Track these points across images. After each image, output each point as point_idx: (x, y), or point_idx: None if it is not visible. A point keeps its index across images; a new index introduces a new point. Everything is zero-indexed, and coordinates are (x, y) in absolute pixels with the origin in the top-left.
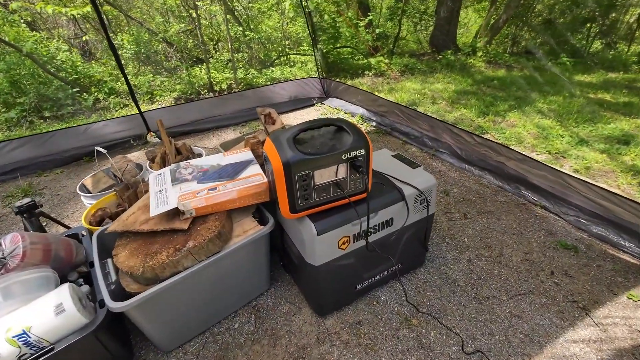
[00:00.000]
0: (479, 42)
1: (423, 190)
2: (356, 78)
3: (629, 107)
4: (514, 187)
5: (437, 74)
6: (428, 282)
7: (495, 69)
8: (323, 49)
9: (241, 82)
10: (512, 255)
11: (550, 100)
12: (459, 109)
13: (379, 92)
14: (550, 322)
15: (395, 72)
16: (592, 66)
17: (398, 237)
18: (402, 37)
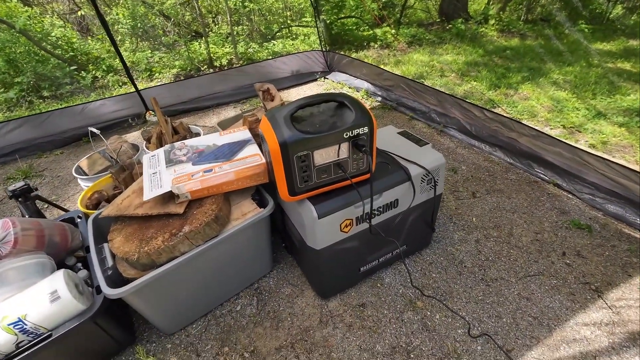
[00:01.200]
0: (491, 9)
1: (431, 169)
2: (361, 50)
3: None
4: (526, 164)
5: (447, 45)
6: (434, 263)
7: (509, 38)
8: (326, 19)
9: (242, 56)
10: (522, 236)
11: (567, 71)
12: (469, 81)
13: (385, 65)
14: (561, 305)
15: (402, 44)
16: (612, 33)
17: (403, 219)
18: (410, 6)
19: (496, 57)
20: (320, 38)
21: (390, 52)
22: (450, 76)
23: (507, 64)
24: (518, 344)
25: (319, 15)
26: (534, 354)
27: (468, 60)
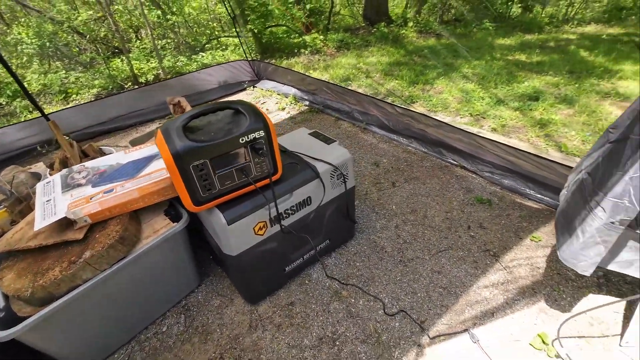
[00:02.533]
0: (409, 12)
1: (337, 165)
2: (292, 57)
3: (540, 65)
4: (437, 151)
5: (372, 48)
6: (358, 253)
7: (426, 38)
8: (254, 29)
9: (170, 70)
10: (434, 216)
11: (474, 65)
12: (392, 80)
13: (315, 70)
14: (466, 273)
15: (331, 49)
16: (511, 29)
17: (320, 214)
18: (337, 12)
19: (416, 56)
20: (243, 48)
21: (320, 57)
22: (375, 76)
23: (425, 62)
24: (430, 314)
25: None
26: (444, 321)
27: (391, 60)
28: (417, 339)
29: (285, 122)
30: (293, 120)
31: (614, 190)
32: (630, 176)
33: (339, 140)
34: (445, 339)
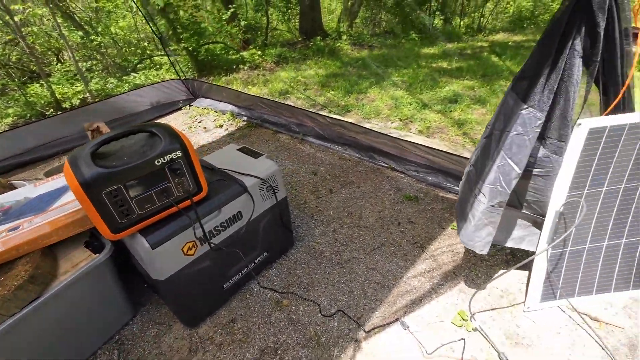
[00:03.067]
0: (342, 26)
1: (265, 178)
2: (231, 73)
3: (459, 71)
4: (369, 156)
5: (309, 61)
6: (298, 261)
7: (360, 50)
8: (188, 47)
9: (99, 93)
10: (369, 217)
11: (403, 73)
12: (328, 91)
13: (254, 85)
14: (397, 266)
15: (270, 63)
16: (434, 39)
17: (253, 228)
18: (274, 28)
19: (351, 68)
20: (176, 68)
21: (260, 72)
22: (313, 88)
23: (359, 73)
24: (366, 310)
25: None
26: (378, 314)
27: (327, 72)
28: (354, 335)
29: (224, 138)
30: (231, 136)
31: (488, 178)
32: (497, 165)
33: (277, 152)
34: (379, 331)
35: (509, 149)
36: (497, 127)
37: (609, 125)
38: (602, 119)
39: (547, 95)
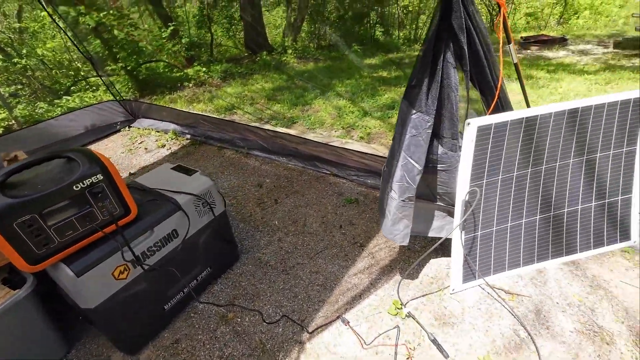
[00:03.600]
0: (287, 40)
1: (200, 194)
2: (175, 91)
3: (398, 79)
4: (313, 164)
5: (256, 75)
6: (244, 273)
7: (305, 63)
8: (127, 66)
9: (27, 119)
10: (313, 223)
11: (346, 84)
12: (274, 104)
13: (200, 102)
14: (339, 267)
15: (216, 80)
16: (376, 50)
17: (192, 245)
18: (219, 44)
19: (297, 80)
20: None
21: (206, 88)
22: (260, 102)
23: (305, 85)
24: (310, 312)
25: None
26: (321, 314)
27: (274, 86)
28: (298, 337)
29: (167, 158)
30: (174, 155)
31: (396, 176)
32: (401, 164)
33: (222, 168)
34: (322, 330)
35: (408, 149)
36: (397, 130)
37: (494, 122)
38: (487, 118)
39: (431, 101)
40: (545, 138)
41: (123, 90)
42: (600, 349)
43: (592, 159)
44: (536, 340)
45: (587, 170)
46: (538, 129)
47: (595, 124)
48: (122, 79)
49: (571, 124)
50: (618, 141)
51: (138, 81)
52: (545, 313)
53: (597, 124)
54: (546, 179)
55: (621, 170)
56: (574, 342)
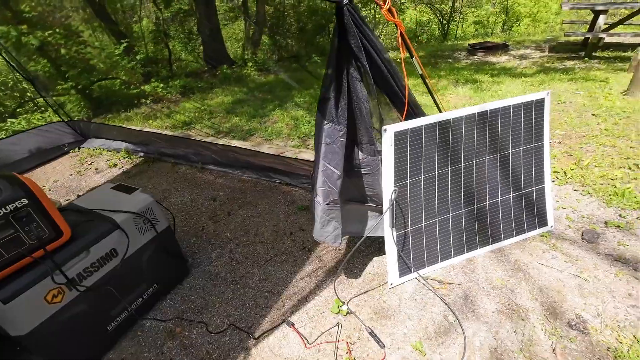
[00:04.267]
0: (247, 54)
1: (139, 211)
2: (132, 109)
3: None
4: (267, 175)
5: (216, 89)
6: (193, 287)
7: (266, 75)
8: (77, 85)
9: None
10: (264, 232)
11: (305, 94)
12: (233, 117)
13: (156, 119)
14: (288, 272)
15: (175, 95)
16: None
17: (135, 263)
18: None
19: (257, 93)
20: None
21: (164, 104)
22: (219, 116)
23: (265, 97)
24: (257, 319)
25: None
26: (268, 320)
27: (234, 99)
28: (244, 344)
29: (118, 177)
30: (127, 174)
31: (319, 181)
32: (321, 170)
33: (176, 184)
34: (268, 335)
35: (326, 157)
36: (315, 140)
37: (409, 127)
38: (402, 124)
39: (341, 112)
40: (460, 139)
41: (75, 109)
42: (517, 324)
43: (506, 155)
44: (463, 323)
45: (502, 165)
46: (452, 131)
47: (504, 124)
48: (74, 98)
49: (482, 125)
50: (527, 138)
51: (91, 100)
52: (472, 298)
53: (506, 124)
54: (466, 176)
55: (532, 163)
56: (495, 321)
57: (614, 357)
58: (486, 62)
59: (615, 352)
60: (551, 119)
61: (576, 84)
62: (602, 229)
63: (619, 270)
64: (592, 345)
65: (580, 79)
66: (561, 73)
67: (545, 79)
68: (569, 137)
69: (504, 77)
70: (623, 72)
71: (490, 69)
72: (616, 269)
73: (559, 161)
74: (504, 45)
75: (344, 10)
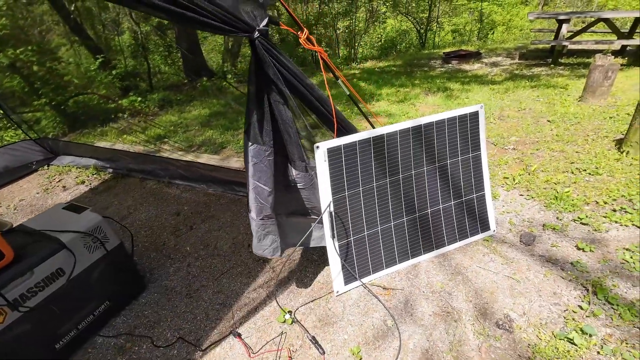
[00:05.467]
0: (226, 65)
1: (87, 230)
2: (108, 124)
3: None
4: (231, 188)
5: (195, 102)
6: (148, 302)
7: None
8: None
9: None
10: (223, 245)
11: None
12: (207, 131)
13: (131, 134)
14: (241, 284)
15: (153, 109)
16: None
17: (83, 281)
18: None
19: (235, 104)
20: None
21: (141, 118)
22: (194, 129)
23: (241, 109)
24: (206, 331)
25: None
26: (217, 331)
27: (211, 112)
28: (192, 356)
29: (85, 195)
30: (94, 191)
31: (251, 198)
32: (251, 188)
33: (142, 200)
34: (215, 346)
35: (254, 175)
36: (245, 159)
37: (343, 144)
38: (334, 141)
39: (266, 134)
40: (396, 152)
41: (50, 125)
42: (450, 326)
43: (444, 165)
44: (400, 326)
45: (441, 175)
46: (387, 145)
47: (440, 136)
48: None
49: (418, 138)
50: (464, 148)
51: (67, 115)
52: (412, 302)
53: (442, 136)
54: (405, 186)
55: (471, 172)
56: (430, 324)
57: (532, 352)
58: (459, 70)
59: (534, 348)
60: (509, 125)
61: (538, 90)
62: (540, 232)
63: (548, 270)
64: (515, 342)
65: (542, 86)
66: (527, 80)
67: (511, 86)
68: (523, 143)
69: (474, 85)
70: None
71: (463, 77)
72: (546, 269)
73: (510, 167)
74: (477, 53)
75: (256, 43)
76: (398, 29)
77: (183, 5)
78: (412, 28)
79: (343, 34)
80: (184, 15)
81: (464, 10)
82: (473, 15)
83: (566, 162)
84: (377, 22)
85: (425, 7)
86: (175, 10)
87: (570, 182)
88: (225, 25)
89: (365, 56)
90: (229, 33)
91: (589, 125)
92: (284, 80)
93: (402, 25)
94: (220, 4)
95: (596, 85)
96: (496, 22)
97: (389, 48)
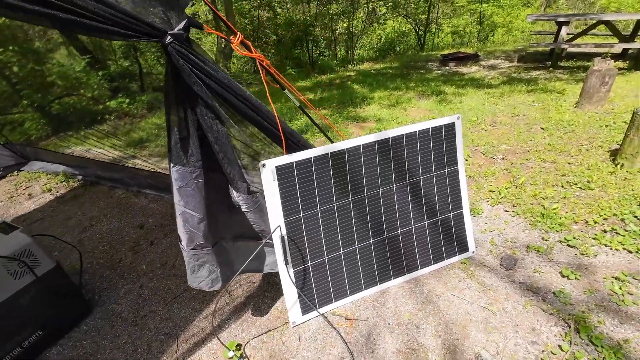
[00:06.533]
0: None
1: (11, 255)
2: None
3: (322, 101)
4: None
5: None
6: (90, 329)
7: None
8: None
9: None
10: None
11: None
12: None
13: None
14: (192, 310)
15: (141, 110)
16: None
17: (8, 310)
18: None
19: None
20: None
21: (127, 120)
22: None
23: None
24: None
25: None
26: None
27: None
28: None
29: (50, 204)
30: (60, 200)
31: (179, 227)
32: (179, 214)
33: (107, 210)
34: None
35: (180, 200)
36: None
37: (294, 161)
38: (284, 158)
39: (191, 153)
40: (359, 168)
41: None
42: None
43: (416, 182)
44: None
45: (412, 192)
46: (349, 161)
47: (411, 150)
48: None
49: (384, 153)
50: (438, 163)
51: (51, 118)
52: (375, 336)
53: (413, 150)
54: (371, 205)
55: (447, 188)
56: None
57: None
58: (456, 72)
59: None
60: (501, 132)
61: (534, 95)
62: (523, 254)
63: (528, 300)
64: None
65: (539, 91)
66: (524, 84)
67: (507, 90)
68: (514, 152)
69: (469, 89)
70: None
71: (459, 80)
72: (525, 299)
73: (497, 179)
74: (474, 55)
75: (169, 49)
76: (397, 31)
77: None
78: (411, 30)
79: (342, 35)
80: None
81: (465, 12)
82: (473, 17)
83: (557, 174)
84: (376, 24)
85: (425, 8)
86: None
87: (560, 197)
88: (122, 30)
89: (362, 58)
90: (131, 38)
91: (583, 133)
92: (211, 90)
93: (401, 26)
94: (112, 3)
95: (593, 90)
96: (496, 24)
97: (387, 50)
